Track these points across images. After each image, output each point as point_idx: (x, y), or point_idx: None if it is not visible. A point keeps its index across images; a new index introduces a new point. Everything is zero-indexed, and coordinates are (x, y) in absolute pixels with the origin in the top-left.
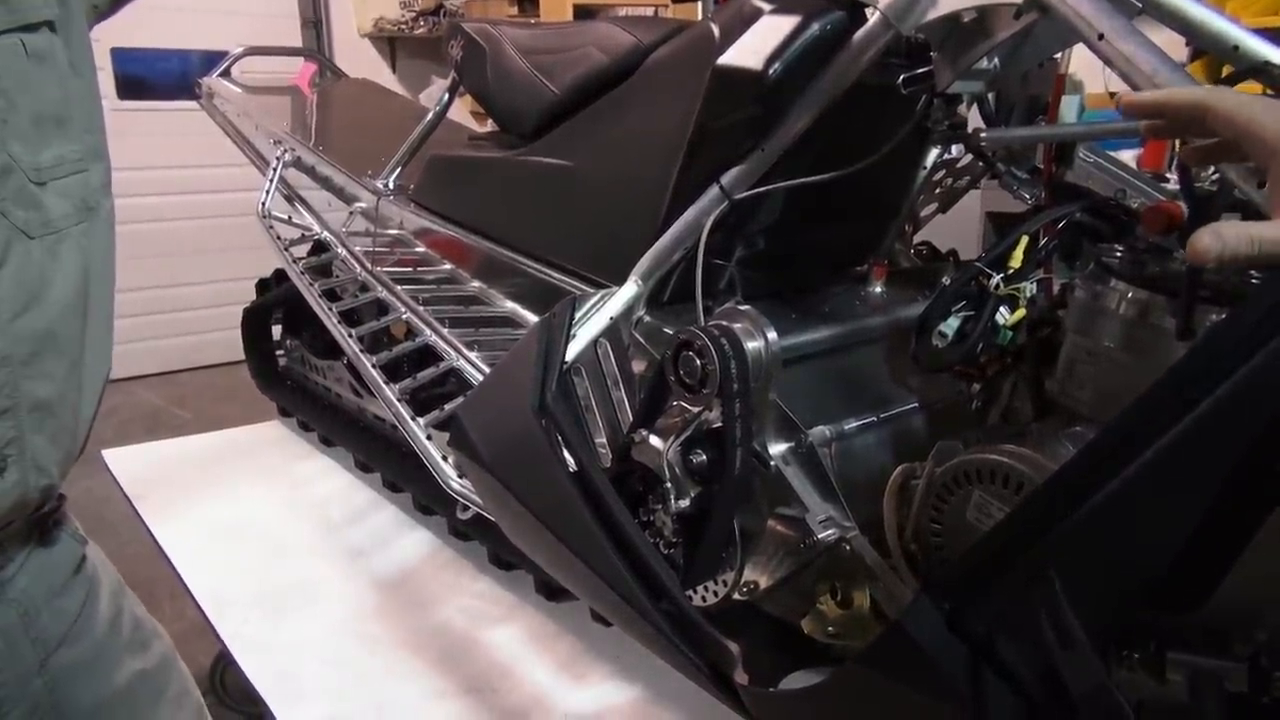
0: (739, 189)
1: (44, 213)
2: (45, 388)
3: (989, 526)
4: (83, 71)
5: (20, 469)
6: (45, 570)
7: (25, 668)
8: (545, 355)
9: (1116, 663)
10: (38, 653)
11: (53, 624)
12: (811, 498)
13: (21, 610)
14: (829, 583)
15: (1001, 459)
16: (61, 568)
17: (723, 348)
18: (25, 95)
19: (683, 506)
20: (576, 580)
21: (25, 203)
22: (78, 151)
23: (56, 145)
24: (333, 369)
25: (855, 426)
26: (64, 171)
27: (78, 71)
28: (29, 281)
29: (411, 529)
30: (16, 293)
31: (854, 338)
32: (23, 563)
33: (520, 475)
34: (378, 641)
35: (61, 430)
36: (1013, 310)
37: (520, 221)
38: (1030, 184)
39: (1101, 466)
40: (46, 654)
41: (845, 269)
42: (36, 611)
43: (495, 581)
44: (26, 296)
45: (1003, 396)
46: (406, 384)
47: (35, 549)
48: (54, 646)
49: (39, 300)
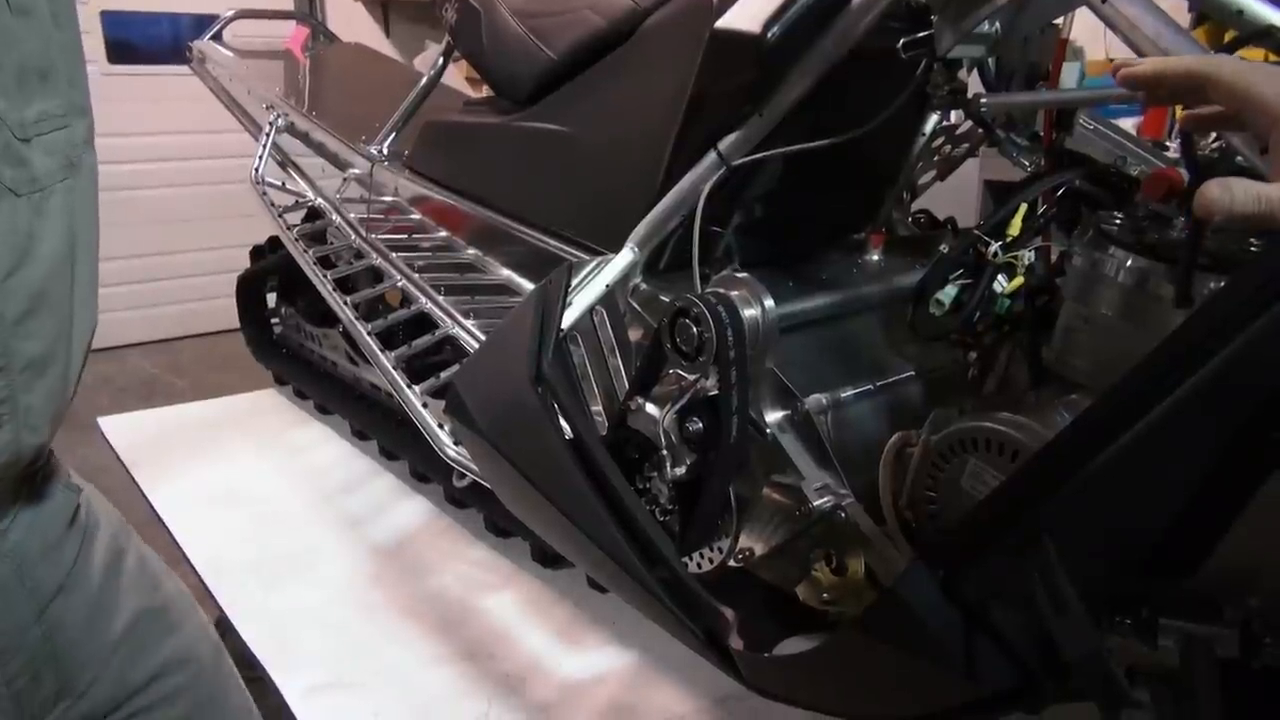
0: (736, 155)
1: (30, 169)
2: (36, 346)
3: (984, 494)
4: (65, 24)
5: (13, 428)
6: (39, 524)
7: (22, 619)
8: (541, 323)
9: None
10: (34, 603)
11: (49, 575)
12: (807, 465)
13: (15, 564)
14: (824, 550)
15: (997, 427)
16: (56, 520)
17: (719, 315)
18: (10, 51)
19: (679, 474)
20: (573, 547)
21: (12, 160)
22: (61, 106)
23: (40, 100)
24: (328, 337)
25: (851, 394)
26: (49, 127)
27: (60, 24)
28: (18, 241)
29: (408, 496)
30: (7, 252)
31: (851, 306)
32: (15, 517)
33: (516, 443)
34: (375, 608)
35: (52, 388)
36: (1010, 278)
37: (516, 188)
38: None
39: (1097, 434)
40: (43, 604)
41: (843, 237)
42: (31, 564)
43: (492, 548)
44: (17, 255)
45: (999, 365)
46: (402, 351)
47: (27, 504)
48: (50, 596)
49: (29, 259)
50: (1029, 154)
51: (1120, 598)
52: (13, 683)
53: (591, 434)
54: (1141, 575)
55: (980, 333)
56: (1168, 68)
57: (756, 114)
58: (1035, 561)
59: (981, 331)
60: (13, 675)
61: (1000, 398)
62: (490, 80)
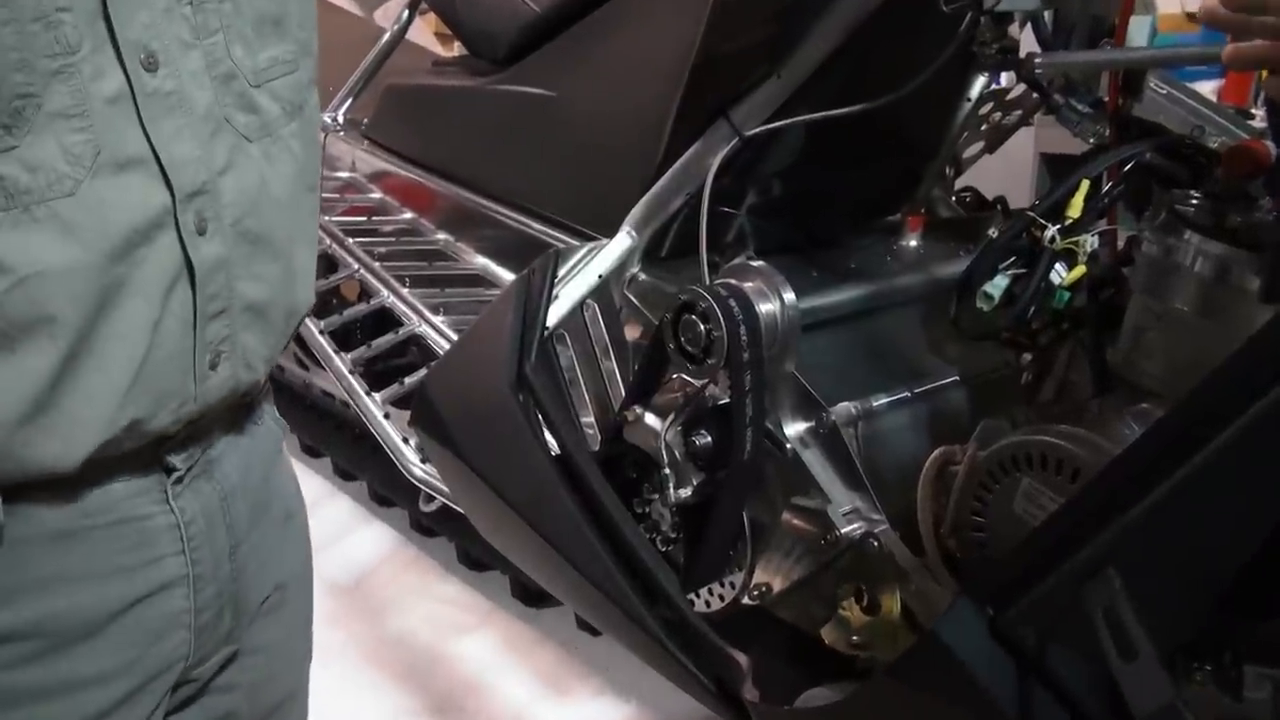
0: (751, 123)
1: (261, 116)
2: (258, 290)
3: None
4: None
5: (231, 365)
6: (247, 456)
7: (219, 549)
8: (523, 319)
9: (1186, 677)
10: (231, 537)
11: (247, 511)
12: (834, 486)
13: (222, 494)
14: (853, 585)
15: (1055, 441)
16: (262, 455)
17: (731, 310)
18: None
19: (684, 496)
20: (559, 582)
21: (246, 107)
22: (291, 51)
23: (273, 46)
24: None
25: (885, 403)
26: (278, 73)
27: None
28: (249, 187)
29: (367, 523)
30: (238, 198)
31: (884, 299)
32: (227, 446)
33: (494, 460)
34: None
35: (270, 330)
36: (1070, 268)
37: (493, 162)
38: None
39: (1171, 450)
40: (238, 540)
41: (875, 219)
42: (235, 497)
43: (465, 583)
44: (247, 202)
45: (1057, 369)
46: (360, 353)
47: (238, 435)
48: (245, 534)
49: (257, 205)
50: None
51: (1199, 641)
52: (201, 613)
53: (581, 449)
54: (1223, 615)
55: (1035, 331)
56: None
57: (774, 75)
58: (1099, 598)
59: (1037, 330)
60: (202, 606)
61: (1059, 407)
62: (463, 36)
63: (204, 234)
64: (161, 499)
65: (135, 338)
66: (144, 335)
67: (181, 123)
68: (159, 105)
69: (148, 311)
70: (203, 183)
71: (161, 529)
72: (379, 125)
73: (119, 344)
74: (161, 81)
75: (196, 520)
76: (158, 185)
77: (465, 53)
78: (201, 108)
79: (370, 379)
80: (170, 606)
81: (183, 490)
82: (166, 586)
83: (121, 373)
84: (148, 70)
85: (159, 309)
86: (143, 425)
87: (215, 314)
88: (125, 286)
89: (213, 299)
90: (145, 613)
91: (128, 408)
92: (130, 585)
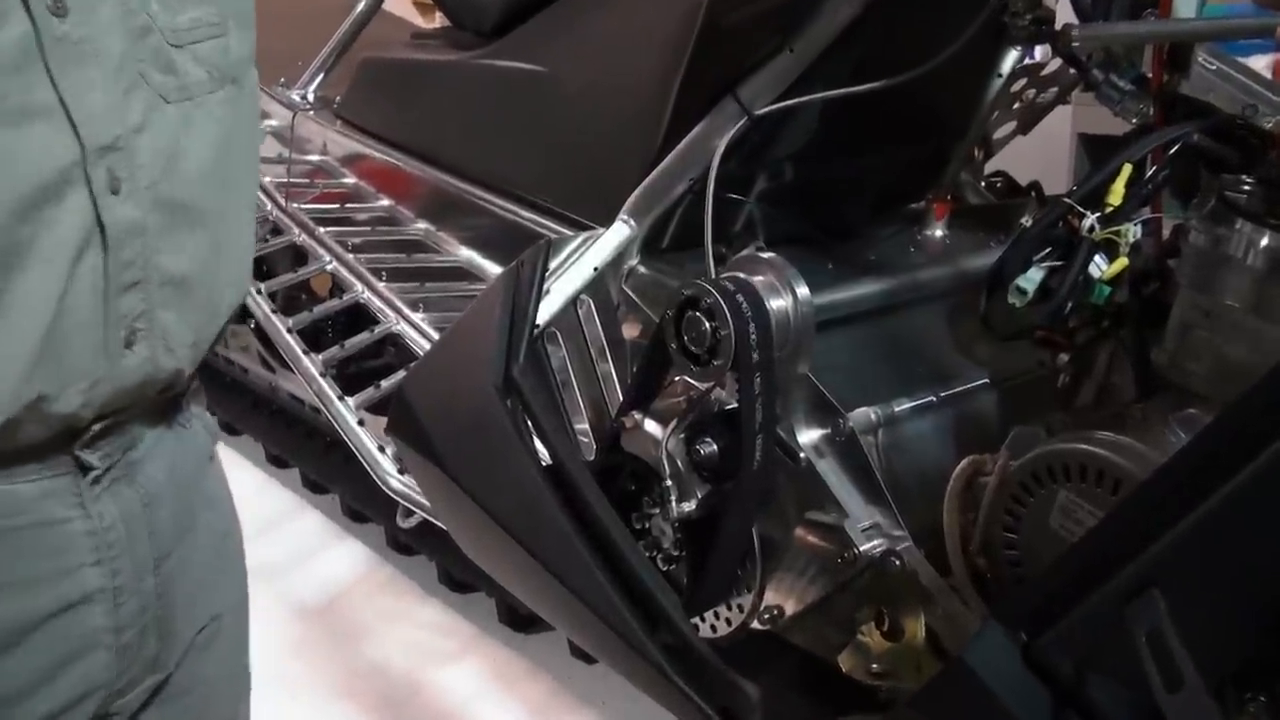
0: (761, 102)
1: (180, 77)
2: (178, 262)
3: (1078, 536)
4: None
5: (149, 346)
6: (172, 459)
7: (141, 560)
8: (510, 317)
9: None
10: (155, 548)
11: (172, 521)
12: (852, 499)
13: (144, 499)
14: (873, 607)
15: (1095, 450)
16: (190, 459)
17: (739, 306)
18: None
19: (687, 510)
20: (551, 605)
21: (163, 66)
22: (215, 14)
23: (194, 7)
24: (236, 335)
25: (908, 409)
26: (201, 35)
27: None
28: (164, 148)
29: (339, 540)
30: (154, 159)
31: (907, 294)
32: (149, 448)
33: (479, 470)
34: (296, 686)
35: (194, 310)
36: (1111, 260)
37: (478, 144)
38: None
39: (1221, 458)
40: (163, 552)
41: (897, 207)
42: (159, 503)
43: (447, 607)
44: (163, 163)
45: (1097, 370)
46: (332, 354)
47: (163, 436)
48: (170, 546)
49: (174, 169)
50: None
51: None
52: (122, 632)
53: (575, 458)
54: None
55: (1072, 329)
56: None
57: (786, 49)
58: (1142, 622)
59: (1074, 328)
60: (123, 623)
61: (1098, 413)
62: (445, 6)
63: (117, 194)
64: (76, 502)
65: (41, 304)
66: (50, 302)
67: (93, 74)
68: (67, 53)
69: (55, 276)
70: (115, 138)
71: (77, 535)
72: (353, 103)
73: (22, 310)
74: (71, 28)
75: (116, 526)
76: (66, 137)
77: (448, 24)
78: (114, 60)
79: (343, 382)
80: (89, 622)
81: (101, 493)
82: (85, 600)
83: (25, 341)
84: (56, 15)
85: (67, 273)
86: (49, 405)
87: (130, 285)
88: (31, 247)
89: (127, 267)
90: (61, 629)
91: (33, 382)
92: (43, 597)
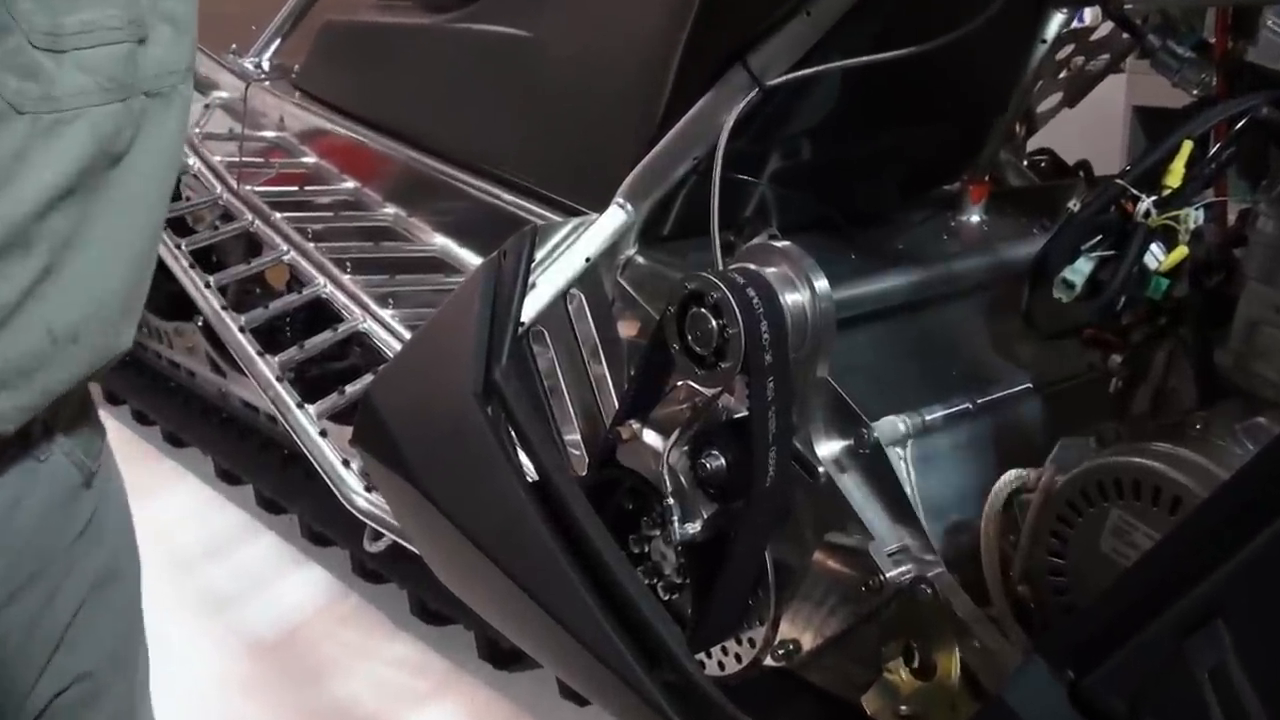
0: (774, 71)
1: (44, 85)
2: (4, 290)
3: (1132, 560)
4: None
5: None
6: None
7: None
8: (492, 313)
9: None
10: None
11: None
12: (878, 519)
13: None
14: (902, 642)
15: (1151, 464)
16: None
17: (749, 302)
18: None
19: (692, 532)
20: (537, 638)
21: (21, 70)
22: (119, 18)
23: (89, 9)
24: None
25: (941, 416)
26: (94, 40)
27: None
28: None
29: (298, 566)
30: None
31: (940, 287)
32: None
33: (456, 487)
34: None
35: (16, 344)
36: (1169, 248)
37: (455, 118)
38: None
39: None
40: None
41: (928, 189)
42: None
43: (420, 641)
44: None
45: (1154, 374)
46: (290, 356)
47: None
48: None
49: (7, 186)
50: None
51: None
52: None
53: (564, 474)
54: None
55: (1126, 327)
56: None
57: (802, 12)
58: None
59: (1128, 326)
60: None
61: (1155, 421)
62: None
63: None
64: None
65: None
66: None
67: None
68: None
69: None
70: None
71: None
72: (313, 73)
73: None
74: None
75: None
76: None
77: None
78: None
79: (302, 387)
80: None
81: None
82: None
83: None
84: None
85: None
86: None
87: None
88: None
89: None
90: None
91: None
92: None
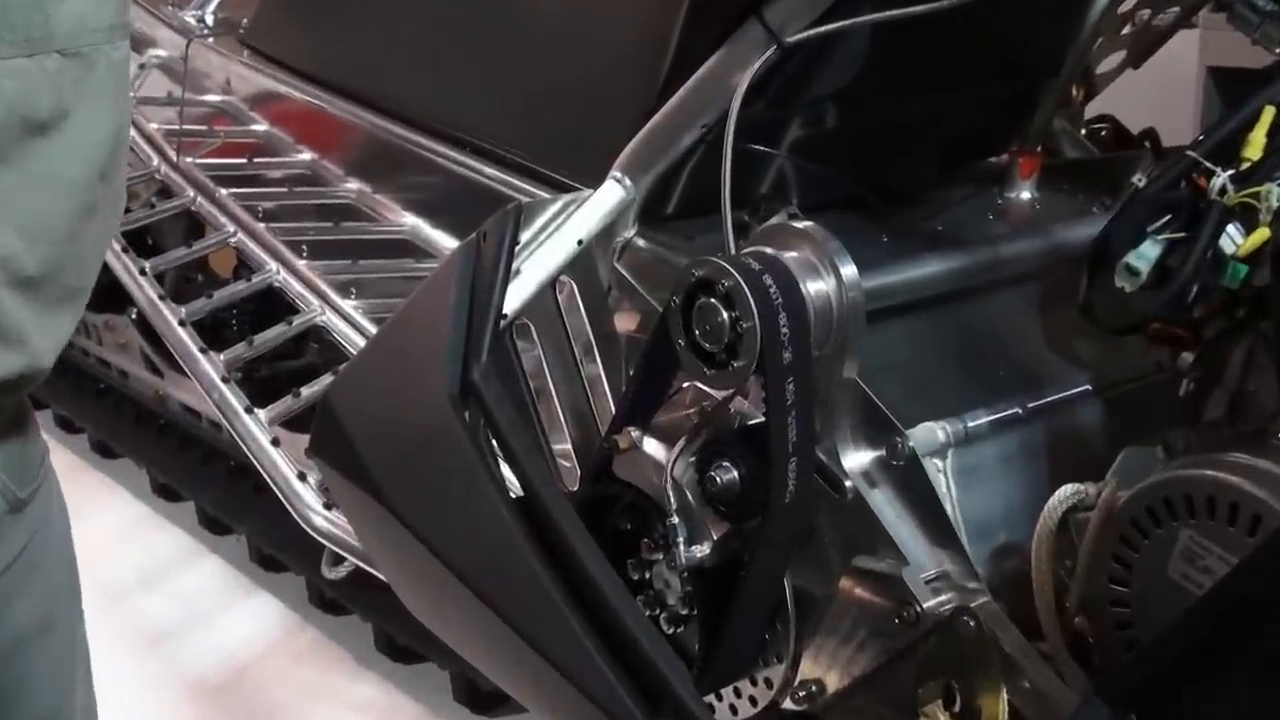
0: (794, 26)
1: None
2: None
3: (1204, 588)
4: None
5: None
6: None
7: None
8: (470, 304)
9: None
10: None
11: None
12: (914, 541)
13: None
14: (942, 681)
15: (1227, 477)
16: None
17: (766, 291)
18: None
19: (700, 556)
20: (521, 678)
21: None
22: None
23: None
24: (113, 328)
25: (985, 423)
26: None
27: None
28: None
29: (247, 595)
30: None
31: (984, 275)
32: None
33: (428, 504)
34: None
35: None
36: (1248, 231)
37: (428, 80)
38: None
39: None
40: None
41: (971, 161)
42: None
43: (387, 681)
44: None
45: (1230, 374)
46: (237, 353)
47: None
48: None
49: None
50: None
51: None
52: None
53: (553, 489)
54: None
55: (1199, 321)
56: None
57: None
58: None
59: (1201, 319)
60: None
61: (1232, 429)
62: None
63: None
64: None
65: None
66: None
67: None
68: None
69: None
70: None
71: None
72: (264, 28)
73: None
74: None
75: None
76: None
77: None
78: None
79: (252, 389)
80: None
81: None
82: None
83: None
84: None
85: None
86: None
87: None
88: None
89: None
90: None
91: None
92: None
